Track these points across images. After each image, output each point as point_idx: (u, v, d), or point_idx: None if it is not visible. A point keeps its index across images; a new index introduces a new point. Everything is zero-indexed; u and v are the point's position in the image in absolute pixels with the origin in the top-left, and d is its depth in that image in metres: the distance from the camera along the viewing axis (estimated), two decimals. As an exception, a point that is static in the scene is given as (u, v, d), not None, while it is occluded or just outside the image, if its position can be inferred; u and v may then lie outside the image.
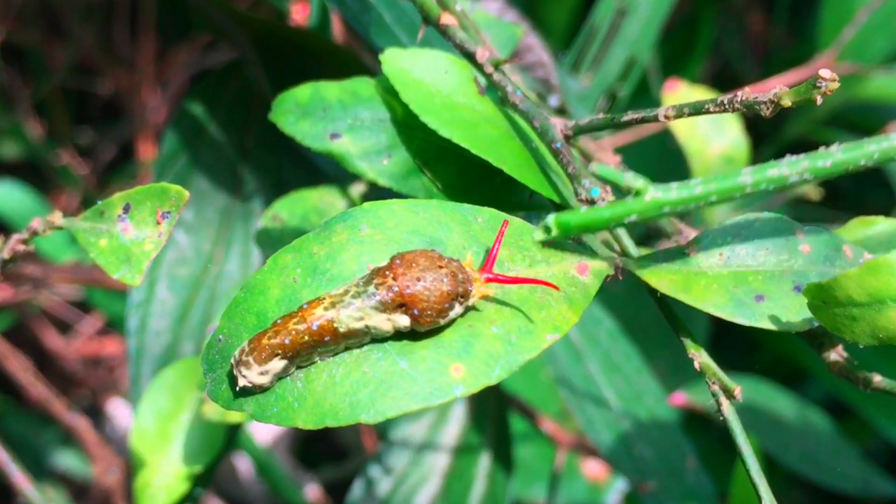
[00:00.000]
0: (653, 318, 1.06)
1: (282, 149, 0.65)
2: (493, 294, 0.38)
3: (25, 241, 0.46)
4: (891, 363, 0.94)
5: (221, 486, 1.19)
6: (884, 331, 0.36)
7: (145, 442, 0.56)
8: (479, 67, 0.45)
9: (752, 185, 0.36)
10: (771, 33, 1.36)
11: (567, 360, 0.70)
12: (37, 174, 1.26)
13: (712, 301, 0.39)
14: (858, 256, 0.40)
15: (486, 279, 0.37)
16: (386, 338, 0.37)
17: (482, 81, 0.46)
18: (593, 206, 0.40)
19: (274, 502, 1.20)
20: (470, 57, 0.45)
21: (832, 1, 1.06)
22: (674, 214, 0.37)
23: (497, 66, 0.45)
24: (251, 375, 0.36)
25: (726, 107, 0.40)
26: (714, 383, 0.40)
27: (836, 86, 0.36)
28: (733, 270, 0.39)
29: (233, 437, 0.58)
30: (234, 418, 0.49)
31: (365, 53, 0.72)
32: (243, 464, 1.20)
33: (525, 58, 0.66)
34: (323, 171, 0.63)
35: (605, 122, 0.44)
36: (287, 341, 0.36)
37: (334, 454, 1.26)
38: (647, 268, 0.40)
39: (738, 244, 0.39)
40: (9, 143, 1.25)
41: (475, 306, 0.37)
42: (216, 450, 0.55)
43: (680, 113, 0.41)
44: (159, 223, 0.41)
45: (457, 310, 0.37)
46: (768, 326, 0.38)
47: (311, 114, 0.46)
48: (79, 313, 1.25)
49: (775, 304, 0.38)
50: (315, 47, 0.63)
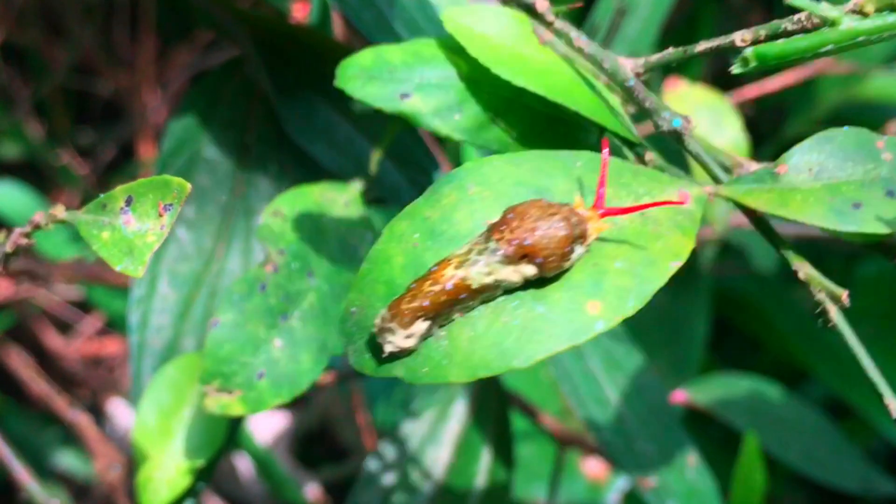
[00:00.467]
0: (653, 318, 1.06)
1: (282, 146, 0.65)
2: (609, 229, 0.38)
3: (28, 235, 0.46)
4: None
5: (221, 486, 1.19)
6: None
7: (147, 437, 0.56)
8: (539, 17, 0.46)
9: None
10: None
11: (568, 358, 0.70)
12: (37, 174, 1.26)
13: (812, 213, 0.39)
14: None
15: (600, 215, 0.38)
16: (517, 288, 0.38)
17: (541, 32, 0.47)
18: (677, 134, 0.42)
19: (274, 502, 1.20)
20: (528, 8, 0.46)
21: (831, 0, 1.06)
22: (868, 44, 0.38)
23: (558, 14, 0.46)
24: (397, 340, 0.37)
25: (804, 24, 0.40)
26: (820, 292, 0.41)
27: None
28: (825, 183, 0.40)
29: (235, 430, 0.58)
30: (235, 412, 0.49)
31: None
32: (243, 464, 1.20)
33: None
34: (323, 168, 0.63)
35: (676, 55, 0.44)
36: (426, 303, 0.37)
37: (334, 454, 1.26)
38: (741, 190, 0.41)
39: (824, 159, 0.40)
40: (9, 143, 1.25)
41: (594, 247, 0.38)
42: (218, 444, 0.55)
43: (756, 38, 0.42)
44: (161, 215, 0.41)
45: (578, 251, 0.37)
46: (876, 230, 0.39)
47: (378, 77, 0.46)
48: (79, 313, 1.25)
49: (873, 210, 0.39)
50: (316, 44, 0.64)
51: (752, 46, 0.40)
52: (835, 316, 0.41)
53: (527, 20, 0.48)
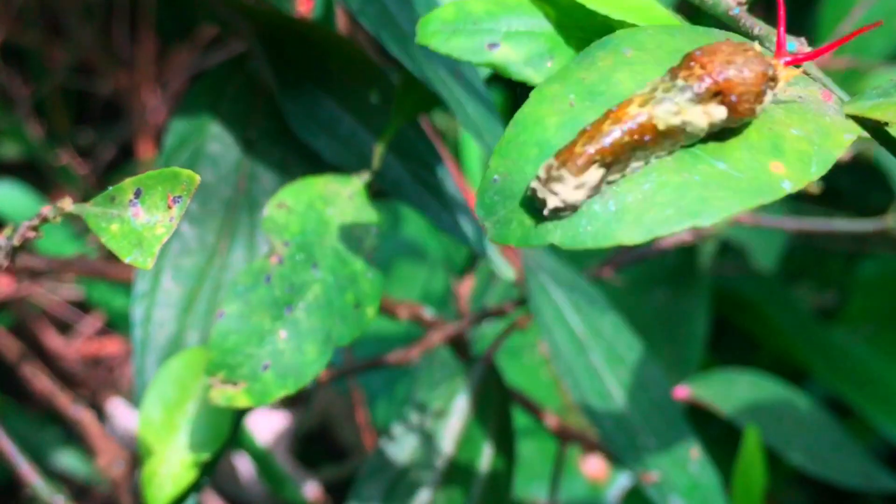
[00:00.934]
0: (654, 315, 1.06)
1: (286, 141, 0.65)
2: (798, 75, 0.37)
3: (35, 228, 0.46)
4: None
5: (221, 486, 1.19)
6: None
7: (152, 432, 0.56)
8: None
9: None
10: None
11: (570, 353, 0.70)
12: (37, 174, 1.26)
13: None
14: None
15: (784, 63, 0.37)
16: (692, 144, 0.35)
17: None
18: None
19: (274, 502, 1.20)
20: None
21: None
22: None
23: None
24: (565, 192, 0.33)
25: None
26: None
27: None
28: None
29: (239, 423, 0.58)
30: (240, 404, 0.49)
31: (368, 46, 0.72)
32: (243, 464, 1.20)
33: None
34: (327, 162, 0.63)
35: None
36: (607, 144, 0.33)
37: (334, 454, 1.26)
38: (867, 105, 0.39)
39: None
40: (9, 143, 1.25)
41: (765, 114, 0.36)
42: (223, 438, 0.55)
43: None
44: (170, 207, 0.41)
45: (768, 98, 0.35)
46: None
47: (462, 30, 0.45)
48: (79, 313, 1.25)
49: None
50: (321, 39, 0.64)
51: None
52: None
53: None
